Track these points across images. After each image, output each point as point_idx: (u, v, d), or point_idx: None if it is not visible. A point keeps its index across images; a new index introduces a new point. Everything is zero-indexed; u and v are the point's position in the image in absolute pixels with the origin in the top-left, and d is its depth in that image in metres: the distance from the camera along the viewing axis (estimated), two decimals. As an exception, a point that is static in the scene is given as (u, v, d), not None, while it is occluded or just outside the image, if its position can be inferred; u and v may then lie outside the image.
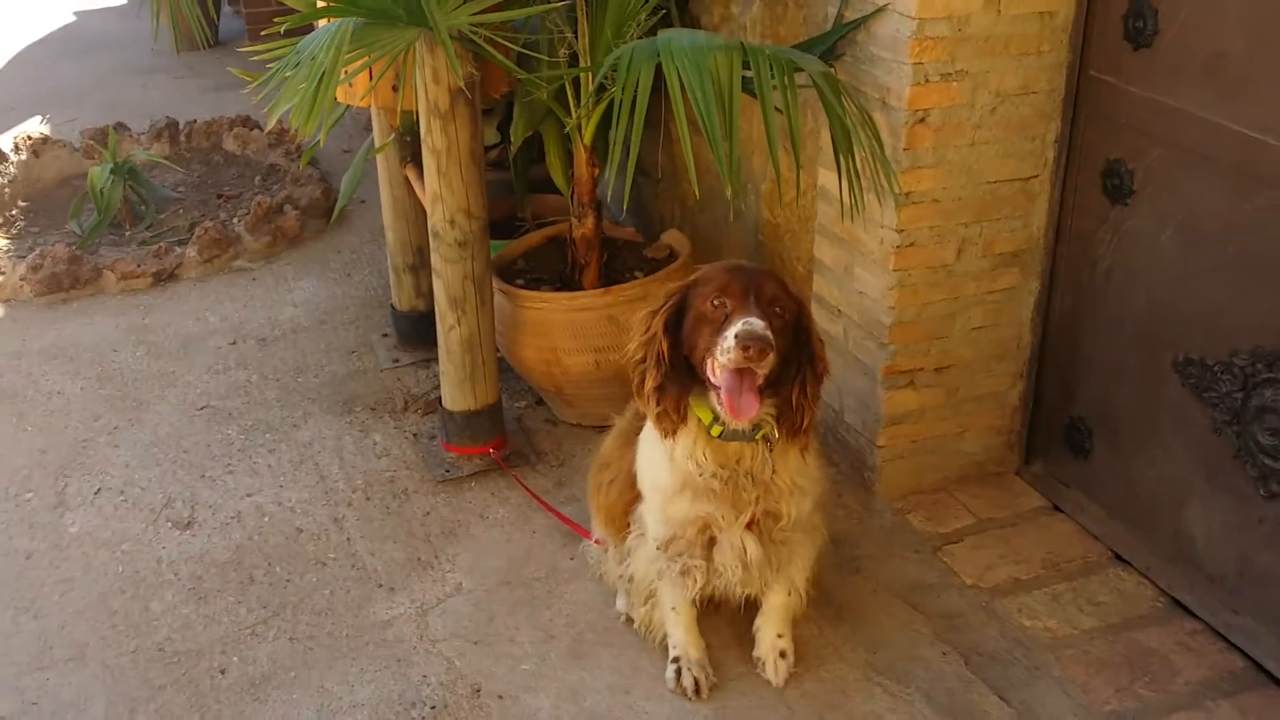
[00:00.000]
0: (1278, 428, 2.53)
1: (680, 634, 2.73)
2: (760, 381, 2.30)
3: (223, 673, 2.83)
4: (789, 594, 2.70)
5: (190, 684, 2.80)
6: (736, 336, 2.23)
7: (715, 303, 2.33)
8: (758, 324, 2.25)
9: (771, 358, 2.26)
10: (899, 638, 2.83)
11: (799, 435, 2.44)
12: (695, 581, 2.61)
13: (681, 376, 2.39)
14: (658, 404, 2.39)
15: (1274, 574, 2.63)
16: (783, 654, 2.73)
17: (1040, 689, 2.66)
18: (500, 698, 2.73)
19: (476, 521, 3.31)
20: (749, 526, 2.51)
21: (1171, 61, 2.66)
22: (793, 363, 2.38)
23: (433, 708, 2.71)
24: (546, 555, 3.17)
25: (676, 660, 2.73)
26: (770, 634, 2.74)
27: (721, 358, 2.28)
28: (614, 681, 2.75)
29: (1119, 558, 3.02)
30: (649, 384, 2.39)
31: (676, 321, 2.40)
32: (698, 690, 2.68)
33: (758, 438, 2.42)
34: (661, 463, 2.51)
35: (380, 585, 3.09)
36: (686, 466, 2.46)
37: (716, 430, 2.40)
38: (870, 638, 2.83)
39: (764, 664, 2.74)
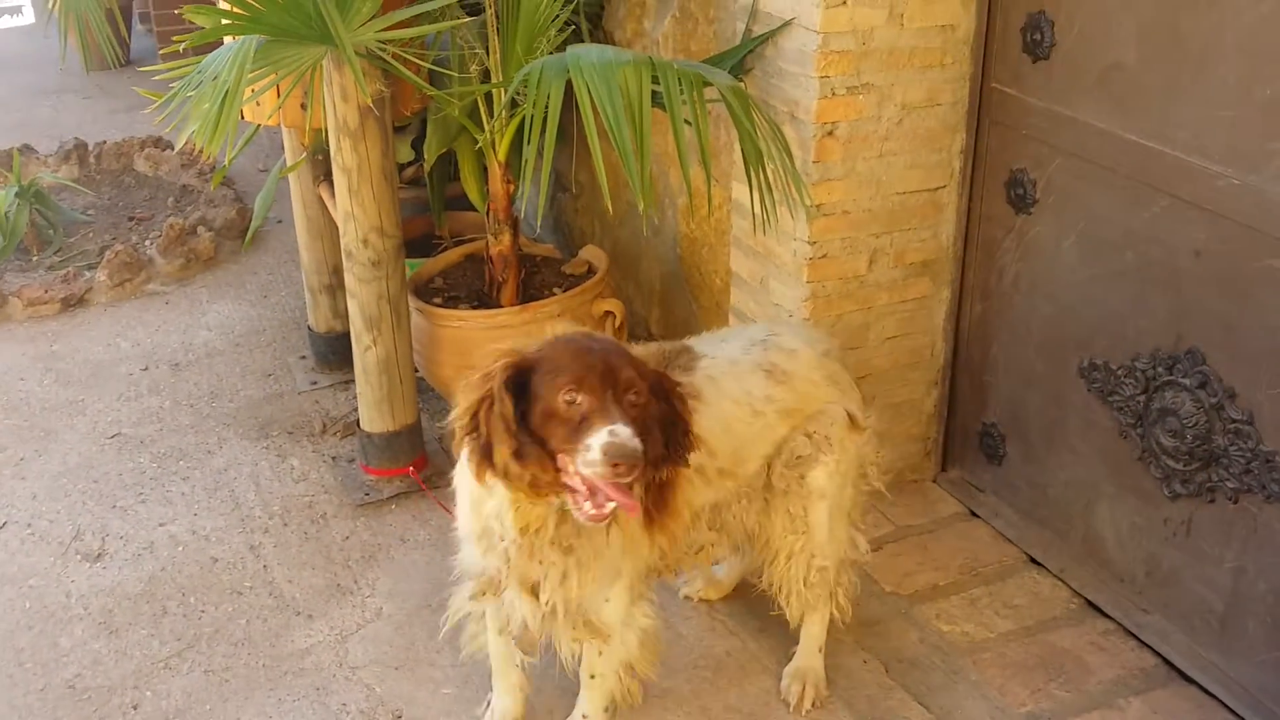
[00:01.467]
0: (1178, 429, 2.59)
1: (494, 666, 2.60)
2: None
3: (135, 708, 2.77)
4: (590, 676, 2.45)
5: (102, 721, 2.74)
6: (605, 452, 1.96)
7: (568, 399, 2.02)
8: (624, 433, 1.97)
9: (640, 468, 1.99)
10: (820, 647, 2.85)
11: (658, 515, 2.21)
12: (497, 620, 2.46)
13: (535, 440, 2.07)
14: (523, 470, 2.06)
15: (1180, 573, 2.69)
16: None
17: (958, 693, 2.70)
18: (422, 722, 2.70)
19: (397, 545, 3.27)
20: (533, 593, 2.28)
21: (1069, 73, 2.72)
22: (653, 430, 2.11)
23: (353, 735, 2.67)
24: (468, 576, 3.14)
25: (489, 703, 2.65)
26: (577, 713, 2.52)
27: (585, 470, 2.00)
28: (535, 702, 2.73)
29: (1034, 561, 3.07)
30: (503, 453, 2.06)
31: (516, 393, 2.07)
32: None
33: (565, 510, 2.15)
34: (466, 499, 2.29)
35: (298, 613, 3.04)
36: (488, 521, 2.23)
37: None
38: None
39: None
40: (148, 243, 4.92)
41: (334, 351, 4.05)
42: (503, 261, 3.54)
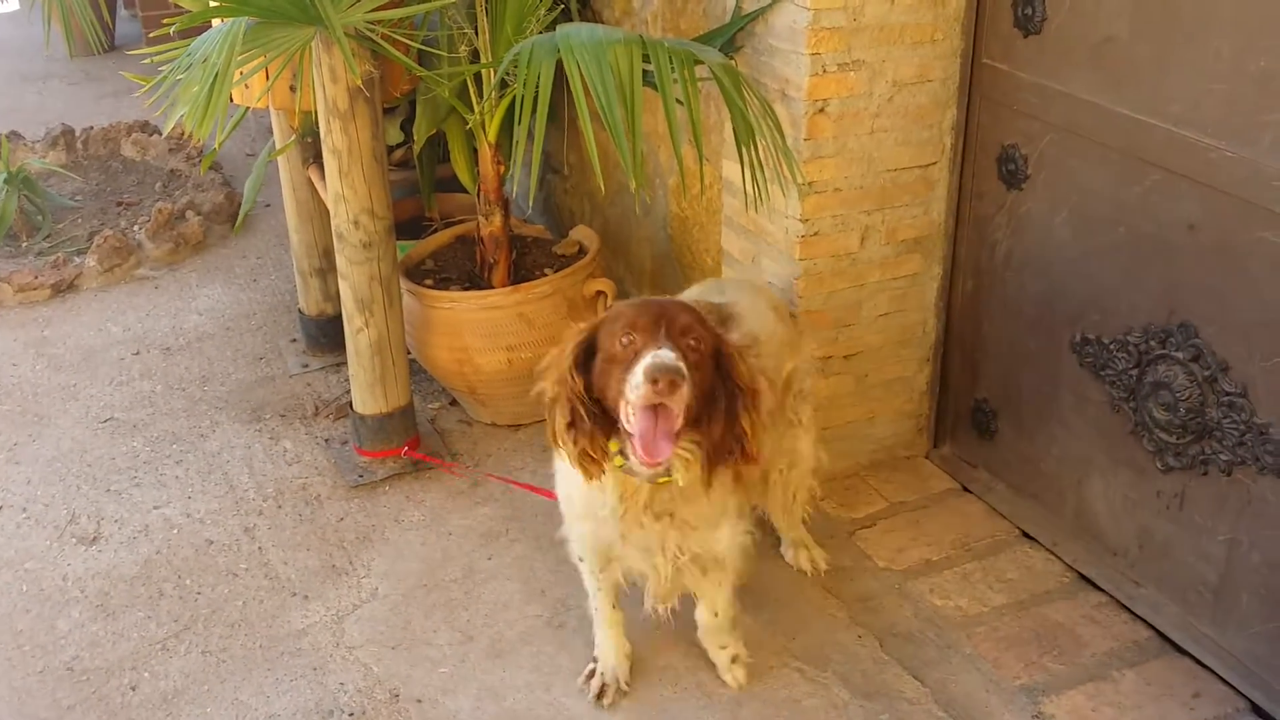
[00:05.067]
0: (1171, 403, 2.60)
1: (601, 635, 2.71)
2: (678, 423, 2.13)
3: (134, 689, 2.77)
4: (714, 615, 2.65)
5: (100, 702, 2.74)
6: (645, 370, 2.07)
7: (624, 340, 2.15)
8: (667, 355, 2.08)
9: (685, 390, 2.08)
10: (816, 623, 2.86)
11: (721, 464, 2.28)
12: (612, 588, 2.64)
13: (599, 418, 2.23)
14: (575, 444, 2.24)
15: (1173, 546, 2.71)
16: (735, 659, 2.70)
17: (953, 666, 2.71)
18: (419, 701, 2.71)
19: (391, 525, 3.27)
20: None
21: (1060, 47, 2.72)
22: (720, 399, 2.23)
23: (351, 715, 2.68)
24: (463, 557, 3.15)
25: (595, 661, 2.72)
26: (714, 646, 2.71)
27: (631, 395, 2.10)
28: (534, 679, 2.75)
29: (1026, 535, 3.08)
30: (560, 422, 2.24)
31: (587, 362, 2.25)
32: (601, 695, 2.67)
33: (659, 482, 2.28)
34: (568, 479, 2.44)
35: (294, 594, 3.04)
36: (589, 495, 2.37)
37: (619, 461, 2.26)
38: (788, 624, 2.86)
39: (720, 669, 2.72)
40: (136, 228, 4.90)
41: (325, 334, 4.04)
42: (494, 243, 3.53)
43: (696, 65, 2.74)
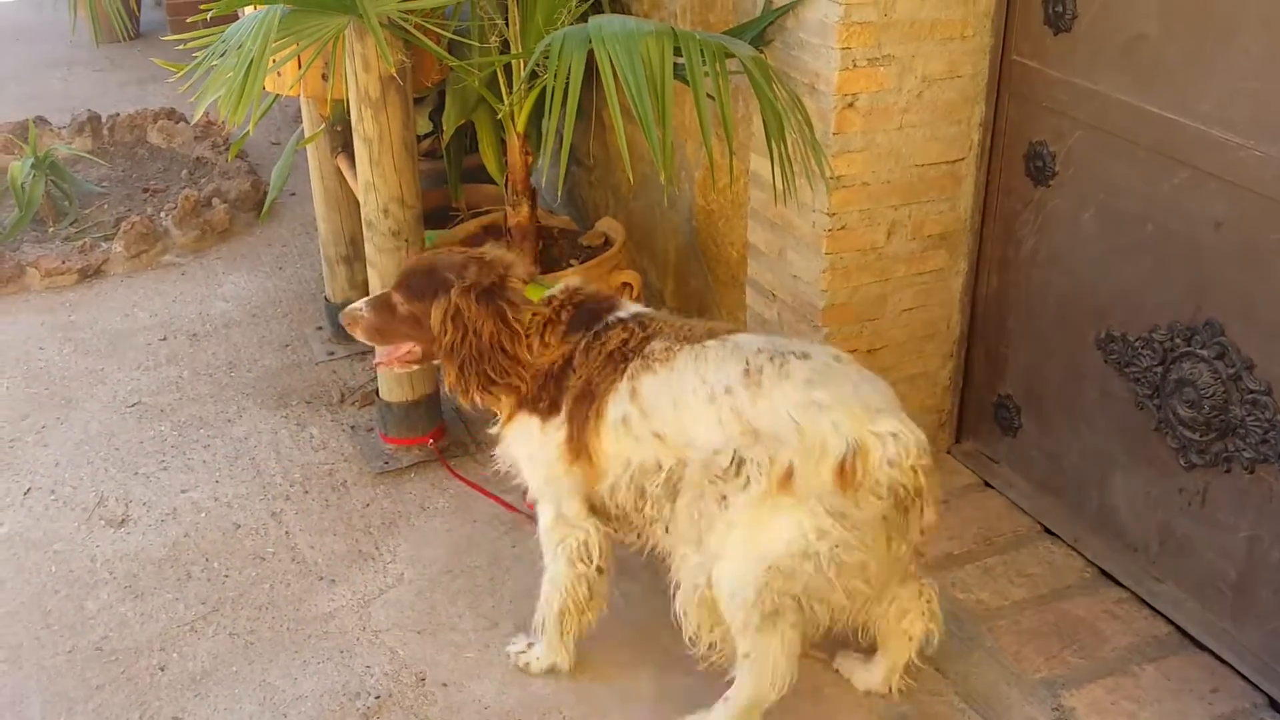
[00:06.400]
0: (1195, 400, 2.61)
1: None
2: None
3: (162, 670, 2.81)
4: None
5: (129, 682, 2.77)
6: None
7: None
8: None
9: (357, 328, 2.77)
10: (837, 614, 2.88)
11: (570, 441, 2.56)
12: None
13: None
14: None
15: (1194, 542, 2.72)
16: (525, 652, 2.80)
17: (974, 659, 2.73)
18: (445, 685, 2.74)
19: (417, 512, 3.31)
20: None
21: (1090, 45, 2.73)
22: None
23: (377, 698, 2.71)
24: (488, 543, 3.18)
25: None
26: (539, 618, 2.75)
27: None
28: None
29: (1048, 530, 3.10)
30: None
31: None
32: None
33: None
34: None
35: (321, 578, 3.08)
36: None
37: None
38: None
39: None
40: (163, 214, 4.93)
41: (351, 322, 4.07)
42: (521, 233, 3.56)
43: (727, 58, 2.76)
